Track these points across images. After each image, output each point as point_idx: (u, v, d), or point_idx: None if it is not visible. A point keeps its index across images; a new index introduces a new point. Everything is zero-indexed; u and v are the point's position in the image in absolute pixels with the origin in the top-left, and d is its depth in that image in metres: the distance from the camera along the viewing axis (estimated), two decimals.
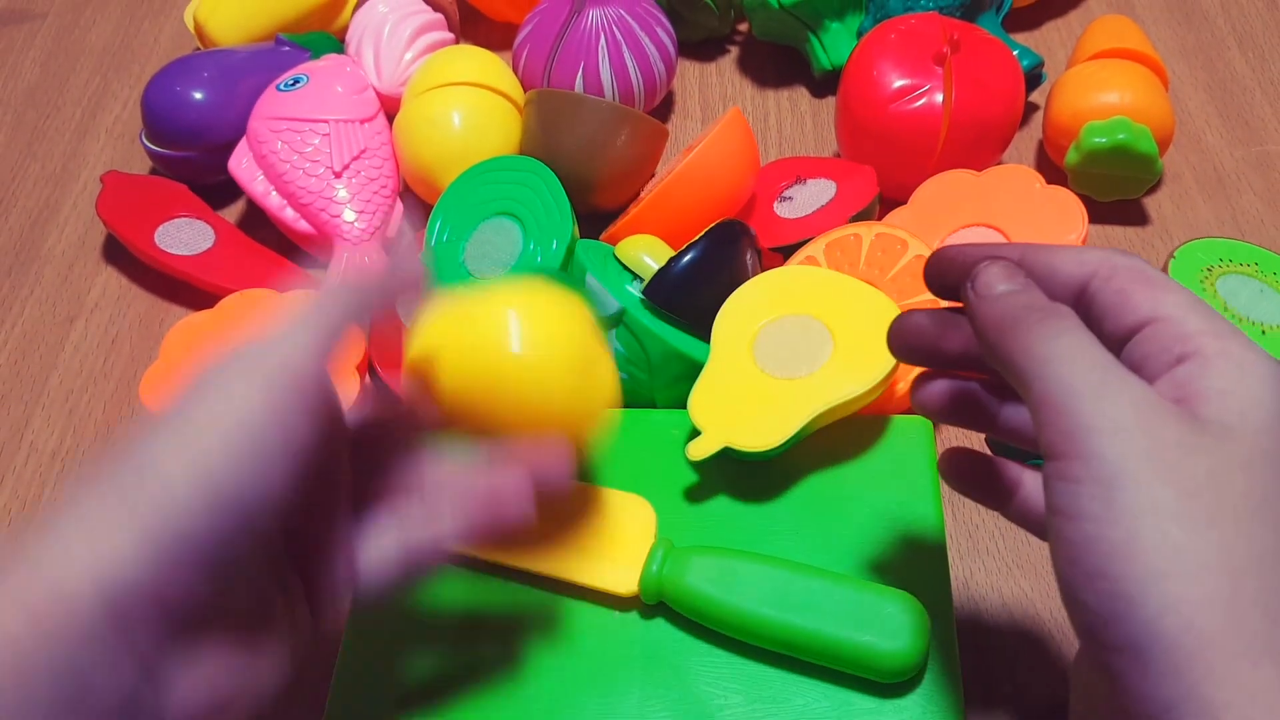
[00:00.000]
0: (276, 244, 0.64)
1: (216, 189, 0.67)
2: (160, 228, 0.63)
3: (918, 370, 0.40)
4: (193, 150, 0.65)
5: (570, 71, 0.65)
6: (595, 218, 0.62)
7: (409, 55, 0.68)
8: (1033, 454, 0.49)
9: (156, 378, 0.54)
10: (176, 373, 0.54)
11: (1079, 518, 0.27)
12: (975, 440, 0.54)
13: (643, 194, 0.61)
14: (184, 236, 0.63)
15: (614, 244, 0.57)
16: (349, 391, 0.53)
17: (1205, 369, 0.28)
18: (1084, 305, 0.32)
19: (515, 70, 0.67)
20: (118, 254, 0.66)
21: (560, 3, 0.66)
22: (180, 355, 0.54)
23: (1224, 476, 0.27)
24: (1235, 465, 0.27)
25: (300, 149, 0.63)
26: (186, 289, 0.62)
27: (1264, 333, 0.49)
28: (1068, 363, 0.28)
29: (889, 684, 0.40)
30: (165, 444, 0.29)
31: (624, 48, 0.65)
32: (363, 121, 0.65)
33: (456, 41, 0.74)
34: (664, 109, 0.70)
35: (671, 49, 0.68)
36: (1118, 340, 0.31)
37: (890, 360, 0.46)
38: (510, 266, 0.55)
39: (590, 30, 0.65)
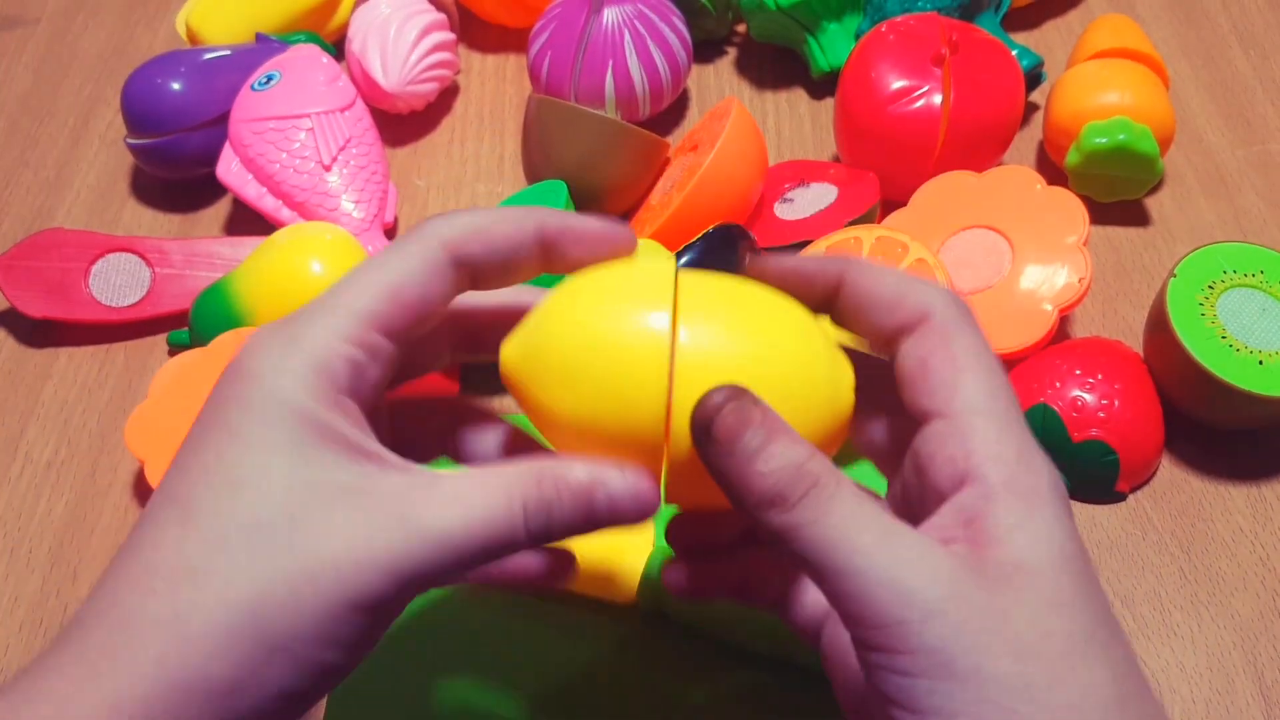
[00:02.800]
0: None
1: (201, 186, 0.67)
2: (90, 280, 0.61)
3: None
4: (172, 133, 0.65)
5: (599, 73, 0.64)
6: None
7: (415, 55, 0.68)
8: None
9: (144, 418, 0.52)
10: (164, 414, 0.52)
11: (927, 713, 0.25)
12: None
13: (650, 198, 0.61)
14: (117, 280, 0.61)
15: None
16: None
17: (990, 502, 0.27)
18: (890, 351, 0.30)
19: (538, 78, 0.67)
20: None
21: (573, 7, 0.65)
22: (169, 396, 0.53)
23: (1043, 625, 0.25)
24: (1046, 610, 0.25)
25: (286, 147, 0.62)
26: None
27: (1261, 363, 0.48)
28: (852, 543, 0.26)
29: None
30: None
31: (648, 41, 0.64)
32: (343, 110, 0.64)
33: (458, 42, 0.73)
34: (661, 111, 0.70)
35: (688, 35, 0.68)
36: (915, 414, 0.29)
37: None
38: None
39: (613, 29, 0.64)
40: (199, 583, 0.26)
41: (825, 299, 0.31)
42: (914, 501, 0.30)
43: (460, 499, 0.27)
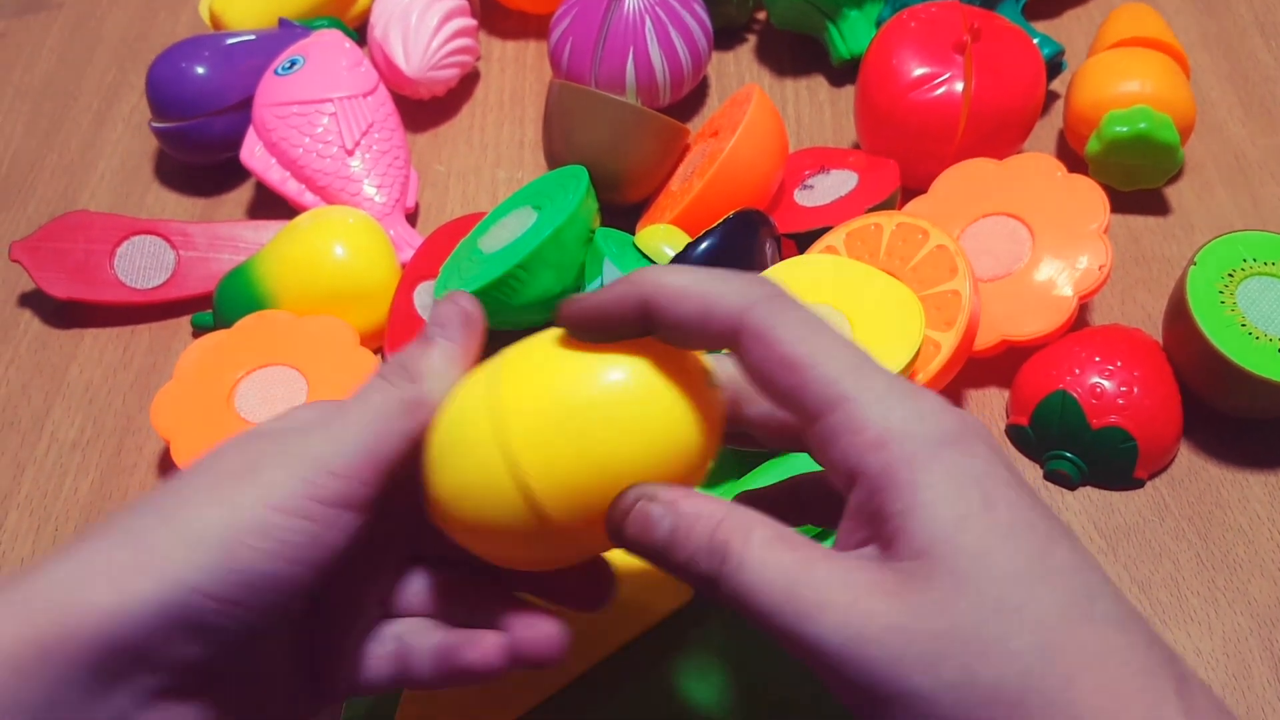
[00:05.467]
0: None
1: (225, 170, 0.68)
2: (115, 262, 0.62)
3: (938, 359, 0.39)
4: (196, 117, 0.65)
5: (620, 60, 0.65)
6: (620, 210, 0.62)
7: (436, 42, 0.68)
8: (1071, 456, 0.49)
9: (170, 398, 0.53)
10: (189, 394, 0.53)
11: None
12: (997, 425, 0.54)
13: (670, 184, 0.61)
14: (142, 262, 0.62)
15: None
16: (364, 371, 0.53)
17: (879, 491, 0.26)
18: (739, 351, 0.29)
19: (558, 64, 0.67)
20: None
21: None
22: (194, 377, 0.53)
23: (951, 617, 0.24)
24: (953, 598, 0.25)
25: (310, 131, 0.63)
26: None
27: None
28: (764, 600, 0.26)
29: None
30: (200, 509, 0.28)
31: (669, 27, 0.65)
32: (365, 95, 0.65)
33: (479, 28, 0.74)
34: (682, 98, 0.70)
35: (709, 22, 0.68)
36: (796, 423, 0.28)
37: (909, 351, 0.46)
38: (517, 237, 0.55)
39: (634, 15, 0.64)
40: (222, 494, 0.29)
41: (642, 328, 0.30)
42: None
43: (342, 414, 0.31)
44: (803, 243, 0.57)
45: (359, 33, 0.74)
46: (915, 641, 0.24)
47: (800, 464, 0.44)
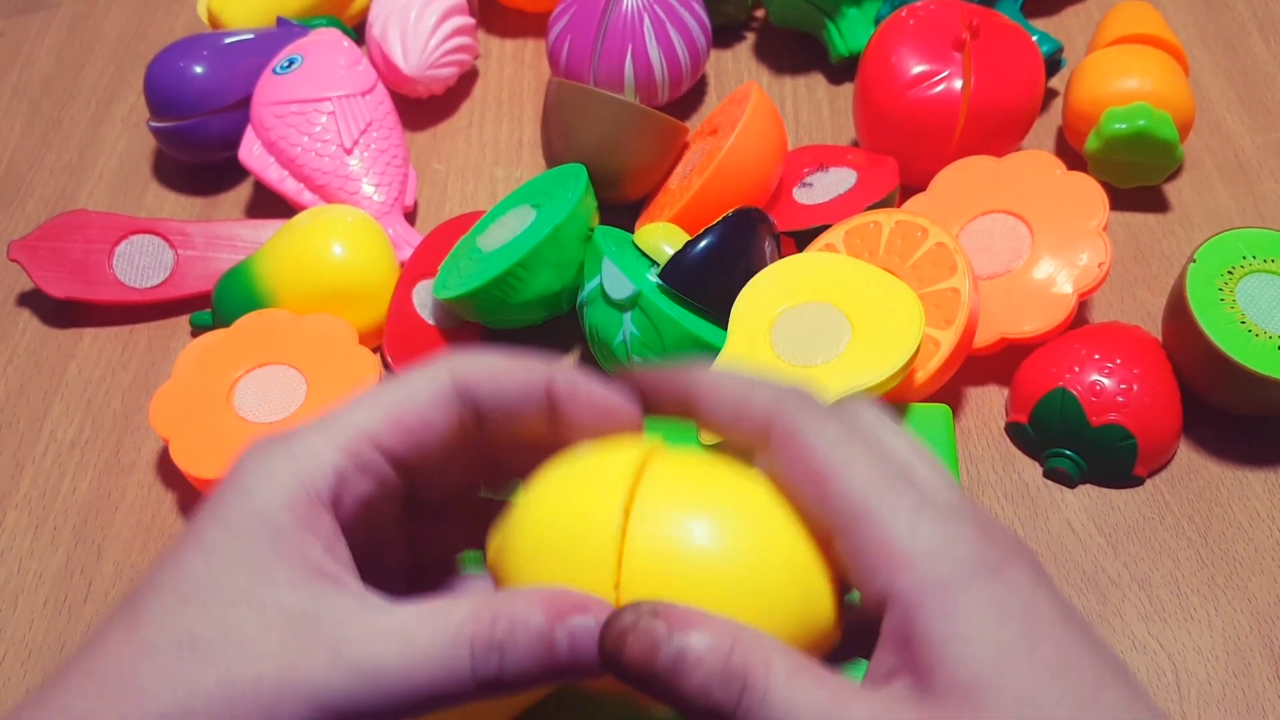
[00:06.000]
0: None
1: (223, 169, 0.68)
2: (114, 262, 0.62)
3: (937, 357, 0.39)
4: (195, 116, 0.65)
5: (618, 58, 0.64)
6: (619, 208, 0.62)
7: (434, 40, 0.68)
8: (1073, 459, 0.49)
9: (168, 398, 0.53)
10: (188, 393, 0.53)
11: None
12: (996, 423, 0.54)
13: (669, 183, 0.61)
14: (141, 261, 0.62)
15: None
16: (370, 373, 0.53)
17: (913, 617, 0.24)
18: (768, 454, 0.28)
19: (557, 63, 0.67)
20: None
21: None
22: (192, 376, 0.53)
23: None
24: None
25: (308, 130, 0.63)
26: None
27: None
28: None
29: None
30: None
31: (668, 25, 0.65)
32: (363, 94, 0.65)
33: (477, 27, 0.73)
34: (680, 96, 0.70)
35: (707, 20, 0.68)
36: (818, 531, 0.27)
37: (909, 349, 0.46)
38: (516, 235, 0.55)
39: (632, 13, 0.64)
40: (127, 691, 0.25)
41: (684, 416, 0.30)
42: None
43: (402, 635, 0.25)
44: (802, 240, 0.57)
45: (357, 31, 0.74)
46: None
47: None
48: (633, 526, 0.27)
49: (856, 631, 0.28)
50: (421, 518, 0.32)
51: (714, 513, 0.27)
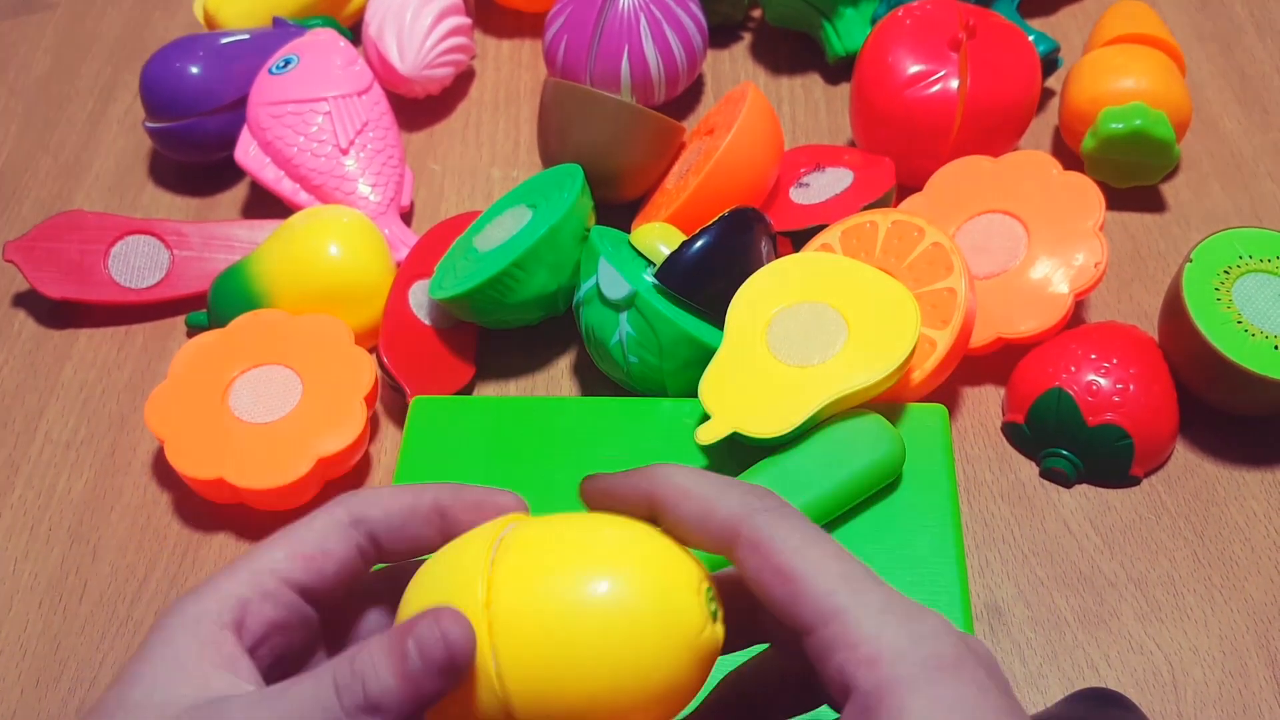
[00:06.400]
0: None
1: (219, 169, 0.67)
2: (110, 262, 0.62)
3: (934, 357, 0.39)
4: (191, 117, 0.65)
5: (615, 57, 0.64)
6: (616, 208, 0.62)
7: (431, 40, 0.68)
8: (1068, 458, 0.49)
9: (164, 398, 0.53)
10: (183, 394, 0.53)
11: None
12: (993, 422, 0.54)
13: (665, 182, 0.61)
14: (136, 262, 0.62)
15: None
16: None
17: (873, 712, 0.26)
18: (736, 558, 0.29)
19: (553, 63, 0.67)
20: None
21: None
22: (188, 376, 0.53)
23: None
24: None
25: (304, 130, 0.63)
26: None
27: (1276, 348, 0.48)
28: None
29: None
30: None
31: (664, 25, 0.65)
32: (360, 94, 0.65)
33: (473, 27, 0.73)
34: (677, 96, 0.70)
35: (704, 20, 0.68)
36: (789, 631, 0.28)
37: (905, 349, 0.46)
38: (512, 235, 0.55)
39: (629, 13, 0.64)
40: None
41: (649, 517, 0.31)
42: None
43: (279, 696, 0.28)
44: (798, 240, 0.57)
45: (353, 31, 0.74)
46: None
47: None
48: (496, 569, 0.28)
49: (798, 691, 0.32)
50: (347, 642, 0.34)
51: (569, 552, 0.29)
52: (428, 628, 0.27)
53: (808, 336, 0.48)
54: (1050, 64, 0.67)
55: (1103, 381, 0.50)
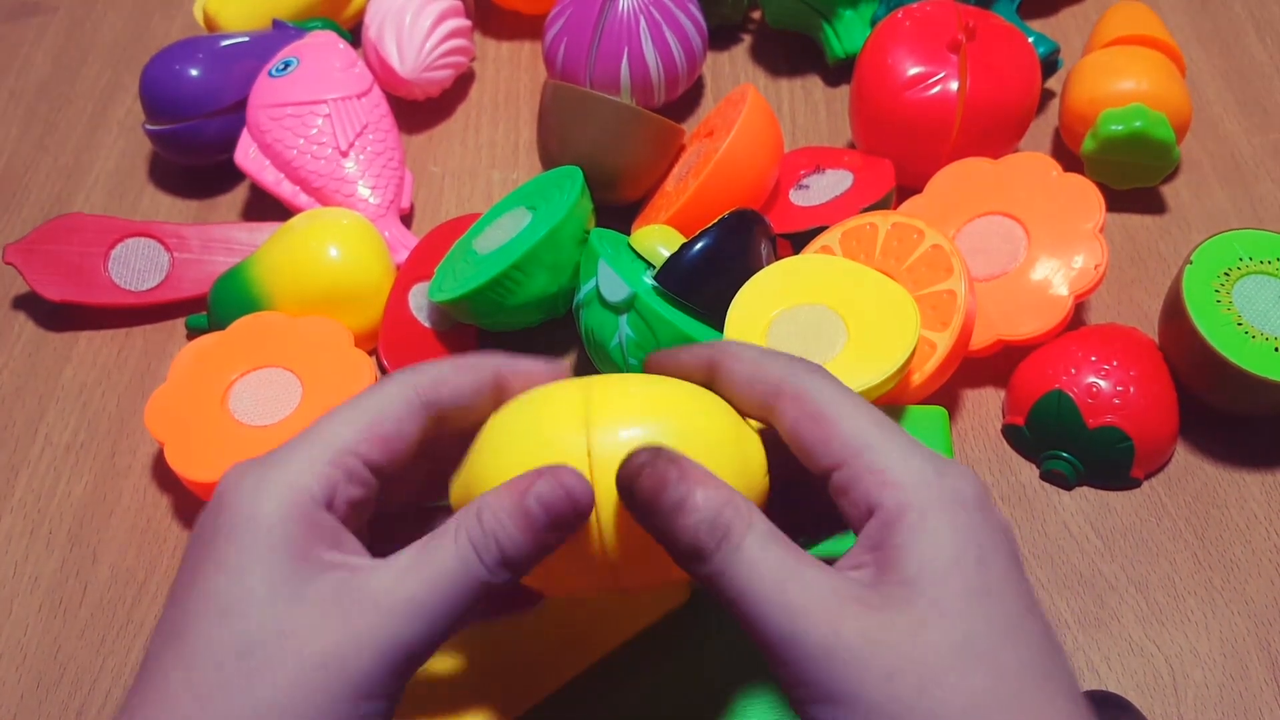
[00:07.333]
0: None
1: (219, 172, 0.67)
2: (110, 265, 0.61)
3: (934, 359, 0.39)
4: (190, 119, 0.65)
5: (615, 59, 0.64)
6: (616, 211, 0.62)
7: (431, 42, 0.68)
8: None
9: (164, 401, 0.52)
10: (183, 396, 0.53)
11: None
12: (993, 425, 0.54)
13: (665, 185, 0.61)
14: (136, 264, 0.62)
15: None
16: (365, 376, 0.53)
17: (889, 525, 0.28)
18: (776, 418, 0.32)
19: (553, 64, 0.67)
20: None
21: None
22: (188, 379, 0.53)
23: (920, 639, 0.27)
24: (925, 624, 0.27)
25: (304, 133, 0.63)
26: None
27: (1277, 350, 0.48)
28: (754, 592, 0.28)
29: None
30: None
31: (664, 27, 0.65)
32: (359, 96, 0.65)
33: (473, 29, 0.73)
34: (677, 98, 0.70)
35: (704, 22, 0.68)
36: (818, 476, 0.31)
37: (905, 351, 0.46)
38: (512, 238, 0.55)
39: (629, 15, 0.64)
40: (209, 713, 0.27)
41: (707, 381, 0.34)
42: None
43: (415, 567, 0.29)
44: (798, 242, 0.57)
45: (353, 34, 0.74)
46: (880, 655, 0.27)
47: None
48: (594, 414, 0.31)
49: (818, 521, 0.35)
50: (376, 526, 0.35)
51: (662, 402, 0.33)
52: (548, 484, 0.29)
53: (807, 339, 0.48)
54: (1050, 65, 0.67)
55: (1103, 383, 0.50)
